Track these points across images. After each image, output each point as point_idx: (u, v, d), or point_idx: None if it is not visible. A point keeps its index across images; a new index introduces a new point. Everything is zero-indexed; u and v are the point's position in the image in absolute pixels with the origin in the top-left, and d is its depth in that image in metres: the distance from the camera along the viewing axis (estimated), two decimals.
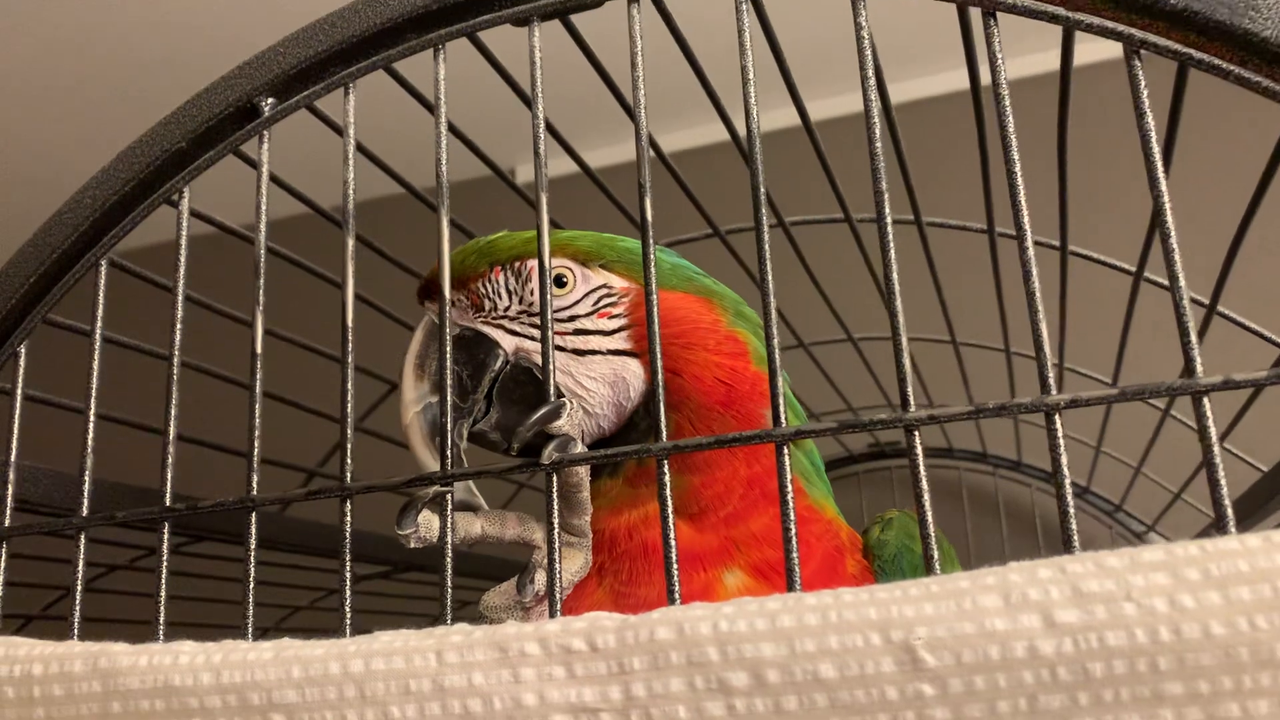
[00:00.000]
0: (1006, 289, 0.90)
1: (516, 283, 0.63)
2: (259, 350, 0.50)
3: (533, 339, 0.63)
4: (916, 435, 0.38)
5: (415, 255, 0.79)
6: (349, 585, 0.45)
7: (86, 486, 0.51)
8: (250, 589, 0.47)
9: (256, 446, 0.48)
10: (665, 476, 0.41)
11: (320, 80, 0.52)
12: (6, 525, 0.52)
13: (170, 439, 0.50)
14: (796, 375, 1.30)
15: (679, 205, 0.83)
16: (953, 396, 1.34)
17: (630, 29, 0.46)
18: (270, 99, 0.52)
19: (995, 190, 0.69)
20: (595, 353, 0.62)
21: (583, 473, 0.56)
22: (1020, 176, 0.40)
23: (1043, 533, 1.59)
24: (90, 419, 0.52)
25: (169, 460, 0.50)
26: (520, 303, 0.64)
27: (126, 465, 0.77)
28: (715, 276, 0.70)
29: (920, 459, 0.38)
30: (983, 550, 1.57)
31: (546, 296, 0.45)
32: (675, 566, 0.41)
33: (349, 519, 0.46)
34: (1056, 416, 0.37)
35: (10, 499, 0.53)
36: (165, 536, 0.49)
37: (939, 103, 1.83)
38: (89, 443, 0.52)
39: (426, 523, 0.53)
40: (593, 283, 0.64)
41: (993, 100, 0.42)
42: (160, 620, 0.47)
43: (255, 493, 0.48)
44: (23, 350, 0.54)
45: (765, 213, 0.43)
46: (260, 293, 0.50)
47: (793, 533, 0.39)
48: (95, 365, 0.52)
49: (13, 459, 0.53)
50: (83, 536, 0.51)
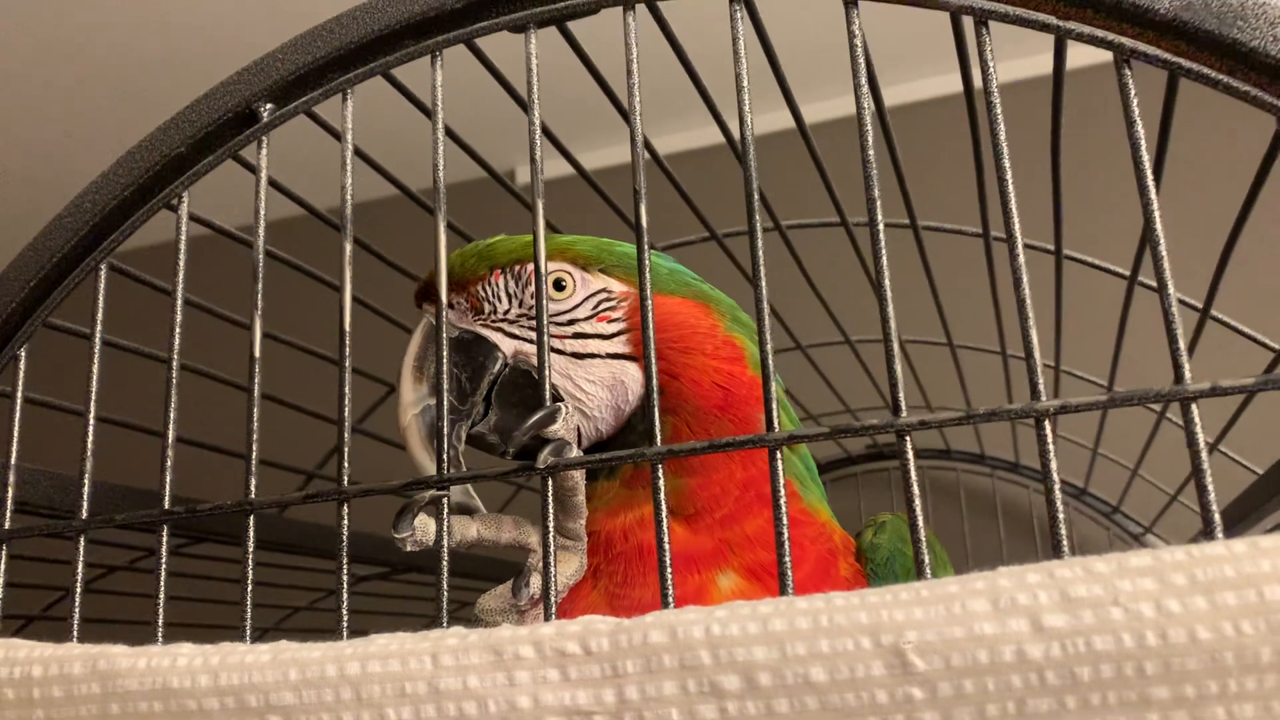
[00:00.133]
0: (1002, 292, 0.91)
1: (516, 286, 0.64)
2: (257, 355, 0.50)
3: (532, 342, 0.63)
4: (908, 440, 0.39)
5: (415, 256, 0.79)
6: (346, 588, 0.45)
7: (86, 489, 0.52)
8: (248, 591, 0.47)
9: (254, 450, 0.49)
10: (660, 481, 0.42)
11: (319, 86, 0.52)
12: (7, 528, 0.53)
13: (169, 442, 0.51)
14: (795, 377, 1.31)
15: (677, 208, 0.83)
16: (951, 398, 1.35)
17: (625, 37, 0.46)
18: (269, 105, 0.52)
19: (991, 195, 0.70)
20: (594, 356, 0.63)
21: (578, 477, 0.56)
22: (1012, 185, 0.40)
23: (1040, 534, 1.59)
24: (90, 422, 0.52)
25: (168, 463, 0.51)
26: (520, 306, 0.64)
27: (127, 466, 0.77)
28: (713, 279, 0.70)
29: (912, 464, 0.38)
30: (980, 551, 1.58)
31: (543, 301, 0.46)
32: (669, 570, 0.41)
33: (346, 522, 0.46)
34: (1046, 422, 0.37)
35: (10, 501, 0.53)
36: (164, 540, 0.50)
37: (939, 104, 1.83)
38: (89, 446, 0.52)
39: (422, 526, 0.54)
40: (592, 287, 0.64)
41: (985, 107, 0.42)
42: (159, 622, 0.48)
43: (254, 495, 0.48)
44: (23, 354, 0.55)
45: (761, 217, 0.43)
46: (259, 297, 0.51)
47: (785, 536, 0.39)
48: (95, 369, 0.53)
49: (13, 462, 0.53)
50: (82, 539, 0.51)
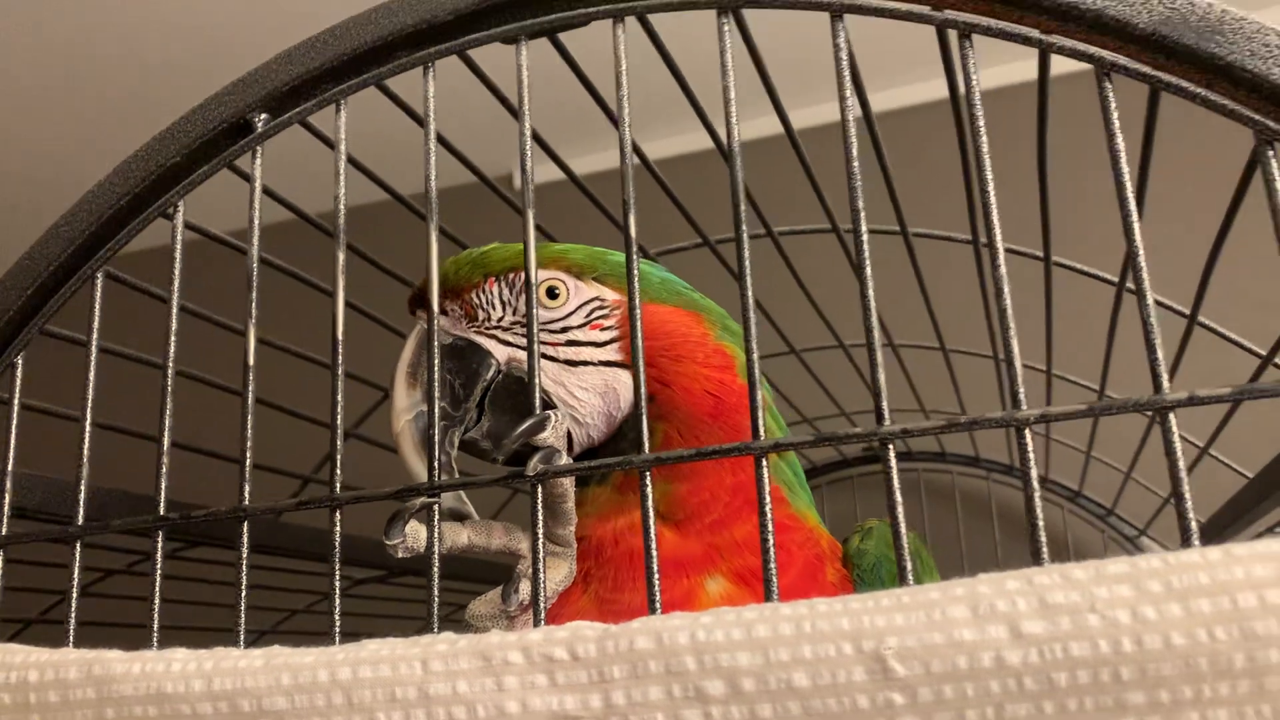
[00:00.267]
0: (993, 296, 0.91)
1: (510, 294, 0.64)
2: (251, 362, 0.50)
3: (525, 349, 0.64)
4: (890, 449, 0.39)
5: (409, 260, 0.79)
6: (339, 593, 0.46)
7: (83, 495, 0.52)
8: (242, 596, 0.47)
9: (249, 456, 0.49)
10: (648, 489, 0.42)
11: (312, 97, 0.53)
12: (4, 533, 0.53)
13: (165, 447, 0.51)
14: (789, 381, 1.31)
15: (669, 214, 0.84)
16: (946, 400, 1.35)
17: (615, 49, 0.46)
18: (263, 115, 0.53)
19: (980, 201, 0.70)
20: (587, 364, 0.63)
21: (567, 484, 0.57)
22: (994, 196, 0.41)
23: None
24: (86, 428, 0.53)
25: (163, 469, 0.51)
26: (514, 313, 0.64)
27: (123, 471, 0.78)
28: (706, 284, 0.71)
29: (895, 472, 0.39)
30: (976, 553, 1.58)
31: (533, 310, 0.46)
32: (656, 576, 0.41)
33: (339, 529, 0.46)
34: (1026, 431, 0.38)
35: (7, 507, 0.53)
36: (159, 545, 0.50)
37: (932, 109, 1.83)
38: (85, 452, 0.52)
39: (413, 533, 0.54)
40: (585, 295, 0.65)
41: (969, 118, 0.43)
42: (155, 626, 0.48)
43: (248, 502, 0.49)
44: (20, 361, 0.55)
45: (752, 224, 0.44)
46: (253, 305, 0.51)
47: (770, 542, 0.40)
48: (91, 377, 0.53)
49: (10, 468, 0.54)
50: (79, 544, 0.52)
